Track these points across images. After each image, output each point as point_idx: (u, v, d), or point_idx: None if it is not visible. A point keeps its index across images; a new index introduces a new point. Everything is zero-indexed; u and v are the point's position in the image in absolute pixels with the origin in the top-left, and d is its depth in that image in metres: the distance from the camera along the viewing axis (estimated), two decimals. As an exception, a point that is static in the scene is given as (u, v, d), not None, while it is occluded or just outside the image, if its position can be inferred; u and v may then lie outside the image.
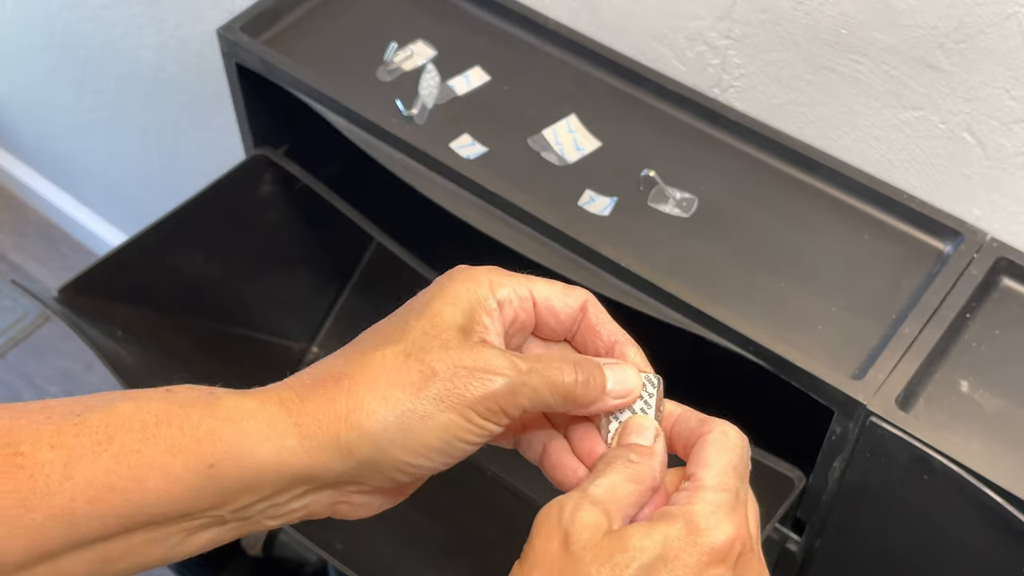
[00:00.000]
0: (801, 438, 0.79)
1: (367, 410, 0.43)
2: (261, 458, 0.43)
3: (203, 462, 0.42)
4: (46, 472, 0.41)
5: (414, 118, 0.89)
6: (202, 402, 0.43)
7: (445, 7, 0.99)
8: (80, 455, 0.41)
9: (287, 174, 1.03)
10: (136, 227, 1.03)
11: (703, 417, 0.49)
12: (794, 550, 0.85)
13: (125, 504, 0.42)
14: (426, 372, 0.43)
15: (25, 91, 1.90)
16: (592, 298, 0.49)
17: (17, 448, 0.41)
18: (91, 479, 0.41)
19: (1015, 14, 0.71)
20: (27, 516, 0.41)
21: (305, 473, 0.44)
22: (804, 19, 0.82)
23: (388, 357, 0.44)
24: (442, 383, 0.43)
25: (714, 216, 0.84)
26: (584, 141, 0.89)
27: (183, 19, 1.37)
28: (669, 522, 0.43)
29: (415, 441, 0.43)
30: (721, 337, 0.76)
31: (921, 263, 0.81)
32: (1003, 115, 0.76)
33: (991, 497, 0.68)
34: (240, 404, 0.44)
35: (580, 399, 0.46)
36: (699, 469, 0.46)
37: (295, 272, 1.13)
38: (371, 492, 0.47)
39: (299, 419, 0.43)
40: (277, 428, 0.43)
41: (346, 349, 0.46)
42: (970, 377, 0.75)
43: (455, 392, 0.43)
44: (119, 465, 0.41)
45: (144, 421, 0.42)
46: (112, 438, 0.42)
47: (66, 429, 0.42)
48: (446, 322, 0.45)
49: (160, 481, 0.42)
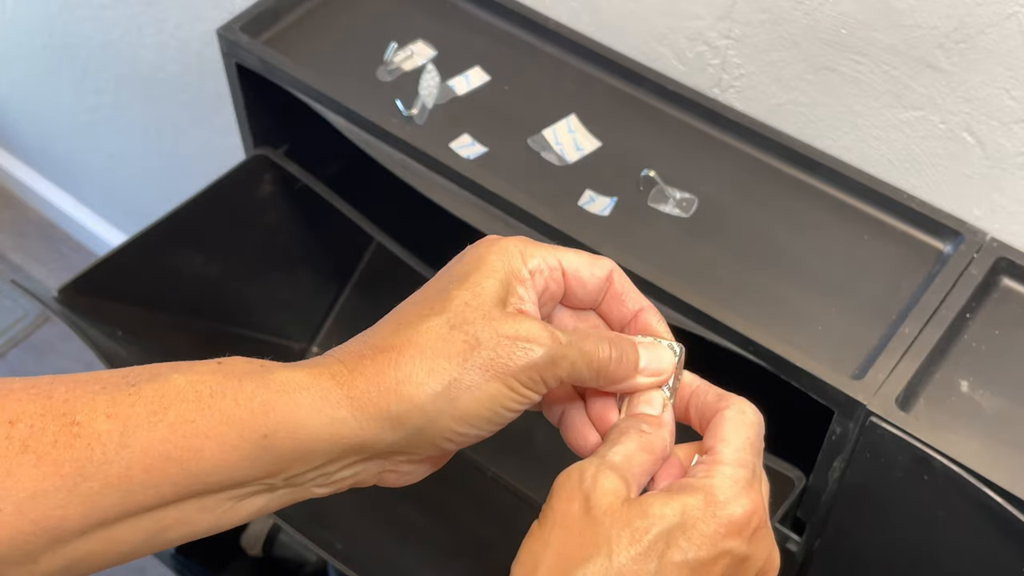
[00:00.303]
0: (801, 438, 0.79)
1: (416, 382, 0.44)
2: (314, 429, 0.44)
3: (257, 432, 0.43)
4: (103, 441, 0.42)
5: (414, 118, 0.89)
6: (255, 374, 0.44)
7: (445, 7, 0.99)
8: (136, 425, 0.42)
9: (287, 174, 1.03)
10: (136, 227, 1.03)
11: (721, 392, 0.50)
12: (794, 550, 0.85)
13: (181, 473, 0.43)
14: (471, 342, 0.44)
15: (25, 91, 1.90)
16: (617, 267, 0.50)
17: (73, 418, 0.42)
18: (147, 448, 0.42)
19: (1015, 14, 0.71)
20: (84, 484, 0.41)
21: (357, 444, 0.45)
22: (804, 19, 0.82)
23: (433, 329, 0.45)
24: (486, 352, 0.44)
25: (714, 216, 0.84)
26: (584, 141, 0.89)
27: (183, 19, 1.37)
28: (689, 493, 0.45)
29: (462, 410, 0.44)
30: (721, 337, 0.76)
31: (921, 263, 0.81)
32: (1003, 115, 0.76)
33: (991, 497, 0.68)
34: (292, 376, 0.44)
35: (613, 375, 0.47)
36: (717, 444, 0.47)
37: (295, 272, 1.13)
38: (417, 461, 0.48)
39: (350, 391, 0.44)
40: (329, 400, 0.44)
41: (389, 319, 0.47)
42: (970, 377, 0.75)
43: (499, 361, 0.44)
44: (175, 435, 0.42)
45: (199, 392, 0.43)
46: (167, 408, 0.43)
47: (121, 399, 0.43)
48: (486, 292, 0.46)
49: (216, 450, 0.43)
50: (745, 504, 0.45)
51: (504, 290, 0.47)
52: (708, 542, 0.44)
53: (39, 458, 0.41)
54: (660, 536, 0.43)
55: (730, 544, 0.44)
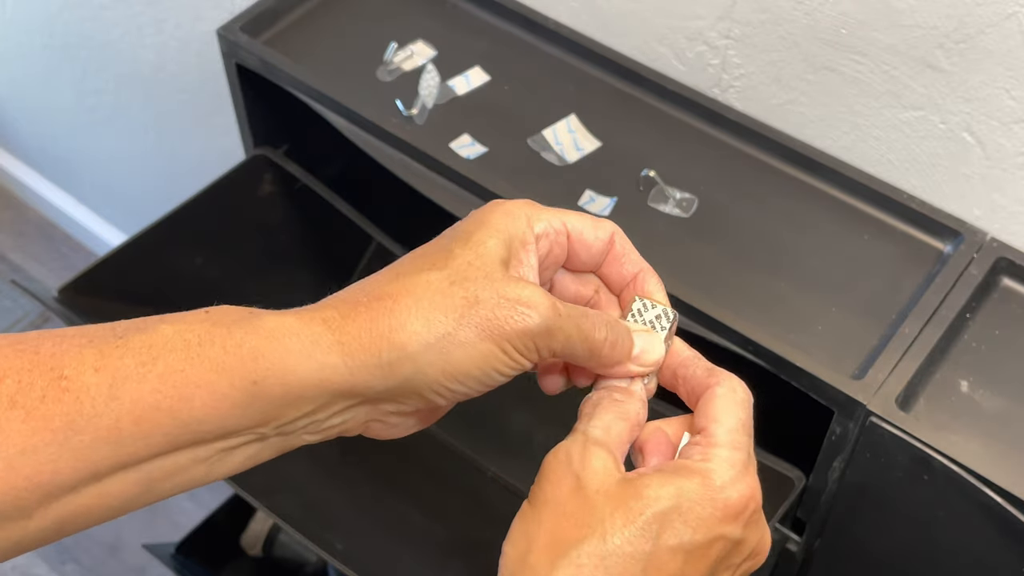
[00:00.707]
0: (801, 438, 0.79)
1: (409, 330, 0.44)
2: (304, 375, 0.43)
3: (247, 379, 0.43)
4: (92, 395, 0.41)
5: (414, 118, 0.89)
6: (244, 321, 0.44)
7: (445, 7, 0.99)
8: (125, 376, 0.42)
9: (287, 174, 1.03)
10: (136, 227, 1.03)
11: (710, 367, 0.49)
12: (794, 550, 0.85)
13: (172, 423, 0.42)
14: (469, 299, 0.44)
15: (25, 91, 1.90)
16: (619, 229, 0.50)
17: (61, 372, 0.41)
18: (137, 399, 0.42)
19: (1015, 14, 0.71)
20: (75, 438, 0.41)
21: (346, 389, 0.44)
22: (804, 19, 0.82)
23: (433, 282, 0.45)
24: (484, 311, 0.44)
25: (714, 216, 0.84)
26: (584, 141, 0.89)
27: (183, 19, 1.37)
28: (686, 476, 0.44)
29: (453, 366, 0.44)
30: (721, 337, 0.76)
31: (921, 263, 0.81)
32: (1003, 115, 0.76)
33: (991, 497, 0.68)
34: (282, 322, 0.44)
35: (607, 358, 0.48)
36: (710, 424, 0.47)
37: (295, 272, 1.13)
38: (407, 414, 0.48)
39: (341, 337, 0.44)
40: (320, 345, 0.43)
41: (387, 271, 0.47)
42: (970, 377, 0.75)
43: (495, 322, 0.44)
44: (165, 385, 0.42)
45: (187, 341, 0.43)
46: (156, 359, 0.42)
47: (109, 352, 0.42)
48: (490, 253, 0.46)
49: (207, 399, 0.42)
50: (742, 489, 0.45)
51: (508, 252, 0.46)
52: (704, 526, 0.44)
53: (28, 413, 0.41)
54: (655, 518, 0.43)
55: (726, 529, 0.44)
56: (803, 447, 0.80)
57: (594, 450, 0.45)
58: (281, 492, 0.93)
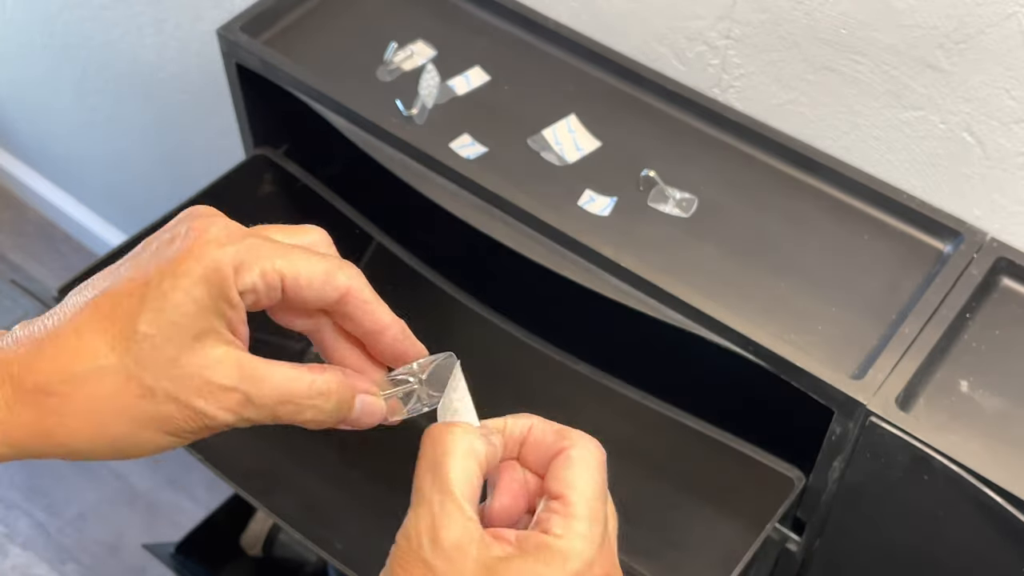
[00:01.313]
0: (801, 438, 0.79)
1: (79, 439, 0.43)
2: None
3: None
4: None
5: (414, 118, 0.89)
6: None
7: (445, 7, 0.99)
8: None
9: (287, 174, 1.03)
10: (136, 227, 1.03)
11: (560, 429, 0.47)
12: (794, 550, 0.85)
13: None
14: (141, 387, 0.42)
15: (25, 91, 1.90)
16: (356, 286, 0.45)
17: None
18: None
19: (1015, 14, 0.71)
20: None
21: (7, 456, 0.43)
22: (804, 19, 0.82)
23: (107, 379, 0.42)
24: (159, 405, 0.42)
25: (714, 216, 0.84)
26: (584, 141, 0.89)
27: (183, 19, 1.37)
28: (546, 557, 0.43)
29: (124, 451, 0.43)
30: (721, 337, 0.76)
31: (921, 263, 0.81)
32: (1003, 115, 0.76)
33: (991, 497, 0.68)
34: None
35: (318, 424, 0.46)
36: (567, 491, 0.44)
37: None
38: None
39: (8, 429, 0.42)
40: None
41: (79, 313, 0.43)
42: (970, 377, 0.75)
43: (170, 418, 0.42)
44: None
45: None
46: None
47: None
48: (176, 325, 0.42)
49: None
50: (586, 551, 0.43)
51: (206, 322, 0.42)
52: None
53: None
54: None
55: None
56: (803, 447, 0.80)
57: (447, 521, 0.42)
58: (281, 492, 0.93)
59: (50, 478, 1.85)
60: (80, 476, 1.86)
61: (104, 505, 1.82)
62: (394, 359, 0.48)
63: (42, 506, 1.82)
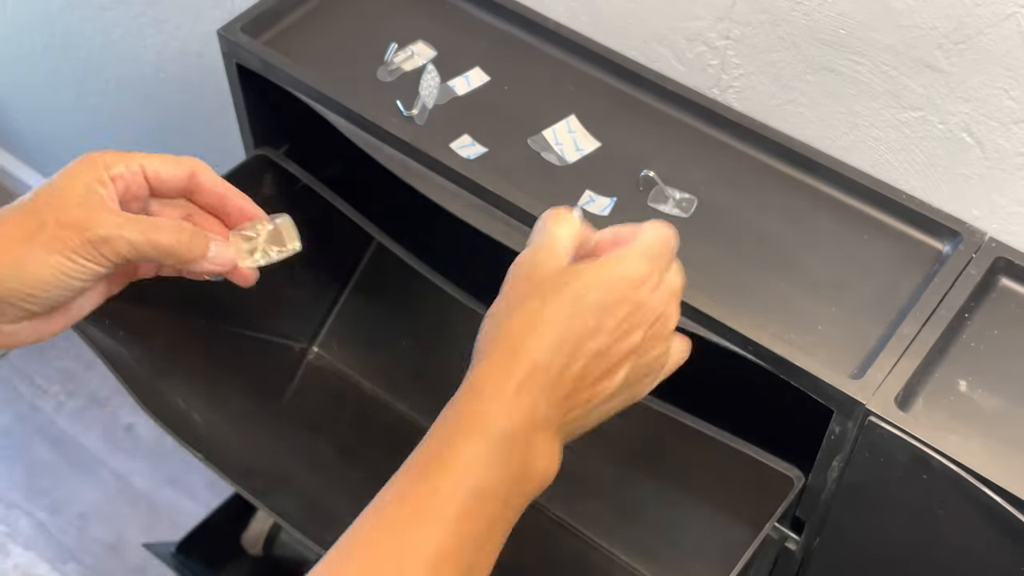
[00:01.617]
0: (800, 438, 0.79)
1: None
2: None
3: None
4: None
5: (414, 118, 0.90)
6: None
7: (445, 7, 0.99)
8: None
9: (287, 174, 1.03)
10: (137, 227, 1.03)
11: (638, 225, 0.60)
12: (793, 549, 0.85)
13: None
14: (37, 224, 0.58)
15: (26, 91, 1.90)
16: (200, 166, 0.64)
17: None
18: None
19: (1014, 14, 0.72)
20: None
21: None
22: (803, 20, 0.82)
23: (14, 216, 0.58)
24: (49, 231, 0.57)
25: (714, 216, 0.84)
26: (584, 141, 0.89)
27: (183, 19, 1.37)
28: (602, 260, 0.57)
29: (29, 277, 0.57)
30: (721, 337, 0.76)
31: (920, 263, 0.81)
32: (1002, 115, 0.76)
33: (990, 497, 0.68)
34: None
35: (182, 257, 0.61)
36: (633, 236, 0.58)
37: (295, 272, 1.13)
38: (15, 321, 0.60)
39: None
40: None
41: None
42: (969, 377, 0.75)
43: (60, 238, 0.57)
44: None
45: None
46: None
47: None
48: (64, 188, 0.59)
49: None
50: (640, 267, 0.56)
51: (85, 189, 0.59)
52: (608, 288, 0.55)
53: None
54: (578, 289, 0.55)
55: (628, 293, 0.55)
56: (802, 446, 0.80)
57: (540, 253, 0.58)
58: (281, 492, 0.93)
59: (51, 478, 1.86)
60: (81, 476, 1.86)
61: (105, 505, 1.83)
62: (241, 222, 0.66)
63: (43, 506, 1.82)
